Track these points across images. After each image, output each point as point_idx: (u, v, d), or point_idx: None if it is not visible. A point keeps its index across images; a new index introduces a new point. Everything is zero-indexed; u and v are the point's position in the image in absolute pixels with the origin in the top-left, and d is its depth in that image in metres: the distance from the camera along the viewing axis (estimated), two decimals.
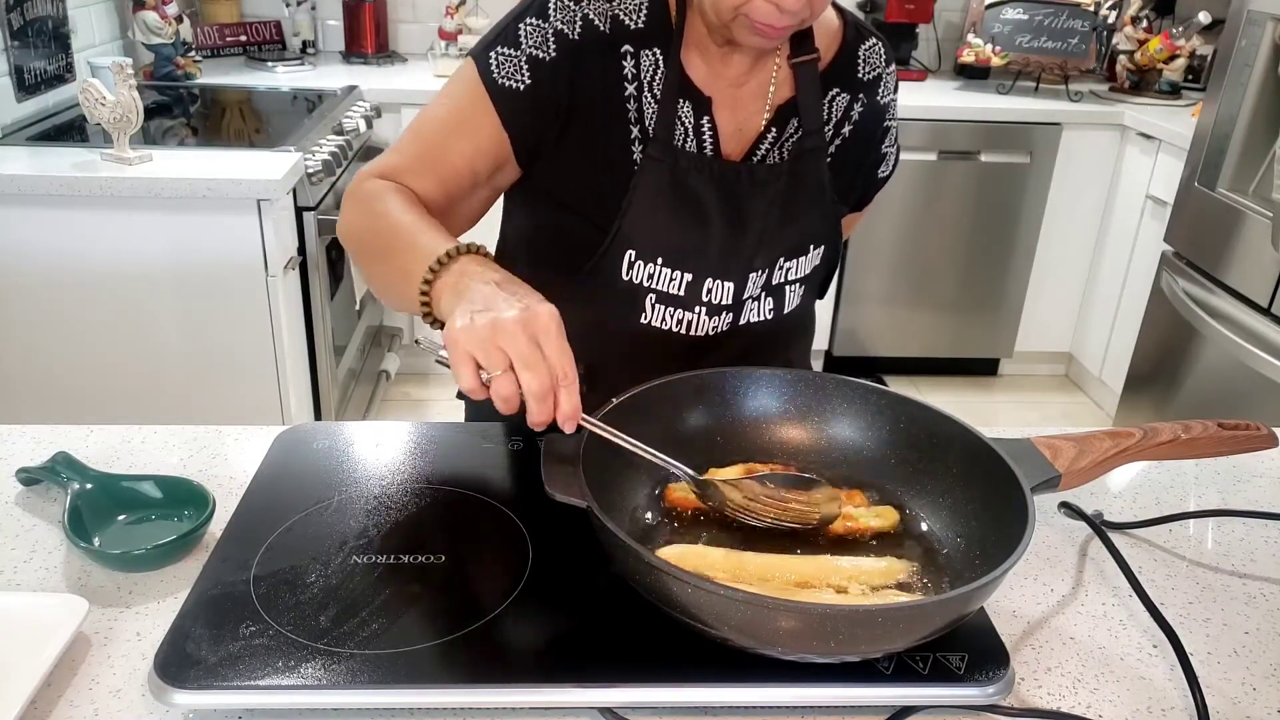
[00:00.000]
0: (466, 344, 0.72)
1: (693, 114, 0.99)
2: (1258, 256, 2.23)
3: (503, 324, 0.72)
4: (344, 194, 1.01)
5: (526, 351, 0.71)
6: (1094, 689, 0.73)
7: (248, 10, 3.20)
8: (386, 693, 0.67)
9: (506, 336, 0.71)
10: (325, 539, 0.82)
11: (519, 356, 0.71)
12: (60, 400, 2.08)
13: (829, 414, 0.92)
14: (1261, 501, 0.99)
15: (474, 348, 0.72)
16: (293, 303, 2.15)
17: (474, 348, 0.72)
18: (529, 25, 0.96)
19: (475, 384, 0.73)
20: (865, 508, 0.86)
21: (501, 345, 0.71)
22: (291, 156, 2.07)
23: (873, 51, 1.07)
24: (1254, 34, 2.25)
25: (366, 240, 0.97)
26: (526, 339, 0.72)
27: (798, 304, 1.11)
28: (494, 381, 0.72)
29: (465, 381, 0.73)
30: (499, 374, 0.72)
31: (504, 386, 0.72)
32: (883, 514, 0.85)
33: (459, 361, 0.73)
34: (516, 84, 0.96)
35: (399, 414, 3.00)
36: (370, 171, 1.00)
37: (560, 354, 0.73)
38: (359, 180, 1.00)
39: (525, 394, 0.72)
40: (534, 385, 0.71)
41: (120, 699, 0.68)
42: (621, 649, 0.71)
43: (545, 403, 0.72)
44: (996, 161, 3.01)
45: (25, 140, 2.15)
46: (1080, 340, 3.29)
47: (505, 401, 0.73)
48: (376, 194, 0.96)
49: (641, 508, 0.86)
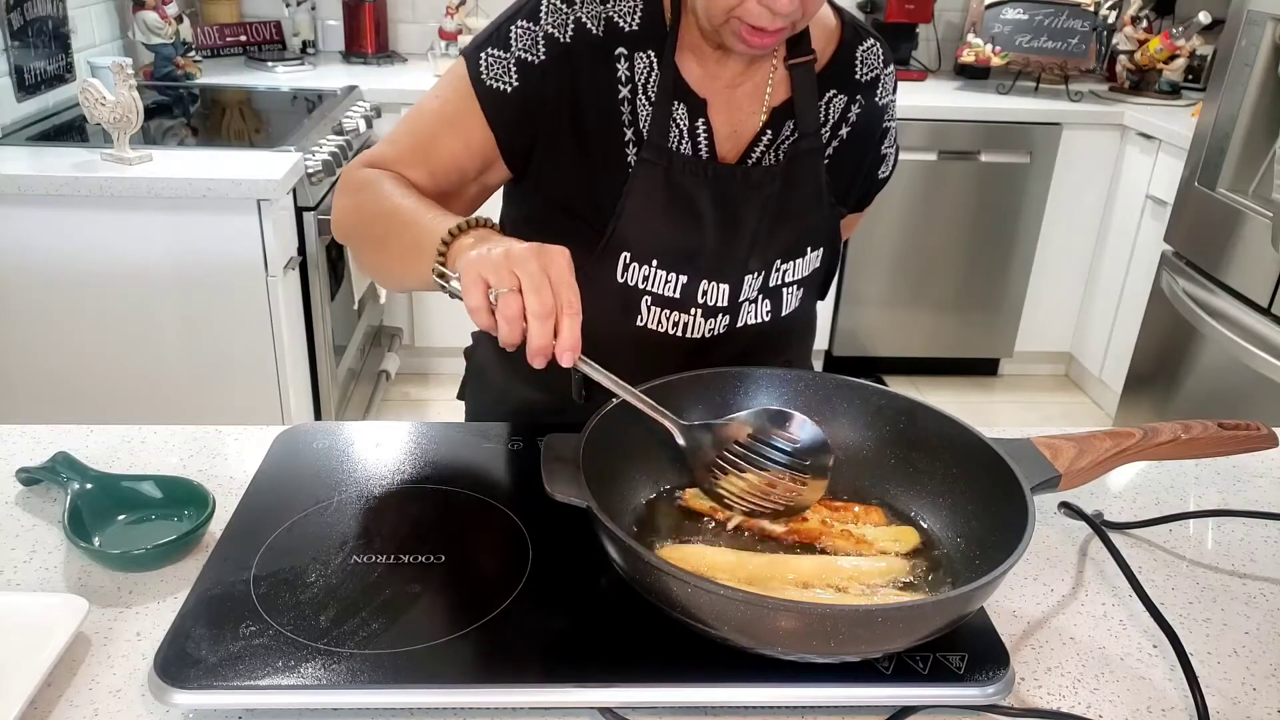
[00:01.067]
0: (479, 266, 0.75)
1: (687, 116, 0.99)
2: (1258, 256, 2.23)
3: (515, 252, 0.75)
4: (338, 183, 1.02)
5: (535, 275, 0.74)
6: (1094, 689, 0.73)
7: (248, 10, 3.20)
8: (386, 693, 0.67)
9: (518, 261, 0.74)
10: (325, 539, 0.82)
11: (528, 277, 0.74)
12: (60, 400, 2.08)
13: (829, 414, 0.92)
14: (1261, 501, 0.99)
15: (486, 269, 0.75)
16: (293, 303, 2.15)
17: (486, 269, 0.75)
18: (520, 28, 0.96)
19: (483, 302, 0.75)
20: (884, 527, 0.84)
21: (512, 268, 0.74)
22: (291, 156, 2.07)
23: (871, 52, 1.07)
24: (1254, 34, 2.25)
25: (365, 224, 0.98)
26: (538, 266, 0.74)
27: (796, 306, 1.11)
28: (500, 299, 0.74)
29: (473, 299, 0.75)
30: (505, 291, 0.74)
31: (510, 305, 0.74)
32: (901, 536, 0.83)
33: (470, 282, 0.75)
34: (504, 86, 0.96)
35: (399, 414, 3.00)
36: (363, 161, 1.01)
37: (567, 285, 0.75)
38: (352, 169, 1.01)
39: (529, 314, 0.73)
40: (537, 306, 0.73)
41: (120, 699, 0.68)
42: (621, 649, 0.71)
43: (547, 324, 0.74)
44: (996, 161, 3.01)
45: (25, 140, 2.15)
46: (1080, 340, 3.29)
47: (509, 322, 0.74)
48: (372, 180, 0.97)
49: (642, 508, 0.86)
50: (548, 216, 1.04)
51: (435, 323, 3.08)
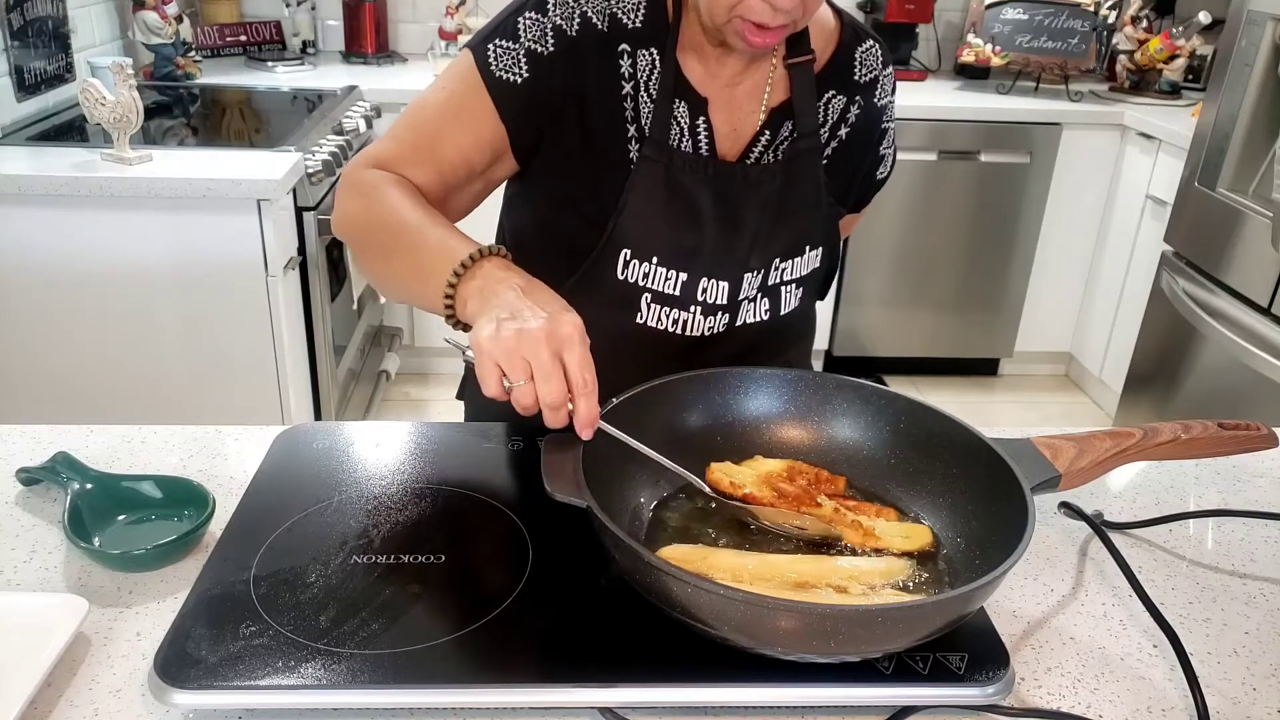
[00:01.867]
0: (492, 352, 0.75)
1: (688, 114, 0.99)
2: (1258, 256, 2.23)
3: (527, 335, 0.75)
4: (341, 182, 1.01)
5: (547, 364, 0.74)
6: (1094, 689, 0.73)
7: (248, 10, 3.20)
8: (386, 693, 0.67)
9: (529, 347, 0.74)
10: (325, 539, 0.82)
11: (539, 368, 0.74)
12: (60, 400, 2.08)
13: (829, 414, 0.92)
14: (1261, 501, 0.99)
15: (499, 357, 0.75)
16: (293, 303, 2.15)
17: (499, 357, 0.75)
18: (528, 19, 0.96)
19: (499, 390, 0.76)
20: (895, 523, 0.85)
21: (525, 356, 0.74)
22: (291, 156, 2.07)
23: (869, 54, 1.07)
24: (1254, 34, 2.25)
25: (370, 235, 0.97)
26: (549, 352, 0.74)
27: (796, 305, 1.11)
28: (515, 391, 0.75)
29: (490, 389, 0.76)
30: (520, 384, 0.75)
31: (524, 396, 0.75)
32: (912, 534, 0.83)
33: (485, 370, 0.76)
34: (514, 77, 0.96)
35: (399, 414, 3.00)
36: (365, 160, 0.99)
37: (581, 365, 0.75)
38: (354, 169, 0.99)
39: (542, 405, 0.75)
40: (549, 397, 0.74)
41: (120, 699, 0.68)
42: (621, 649, 0.71)
43: (559, 413, 0.75)
44: (996, 161, 3.01)
45: (25, 140, 2.15)
46: (1080, 340, 3.29)
47: (525, 409, 0.76)
48: (376, 185, 0.96)
49: (642, 508, 0.86)
50: (549, 216, 1.04)
51: (435, 323, 3.08)
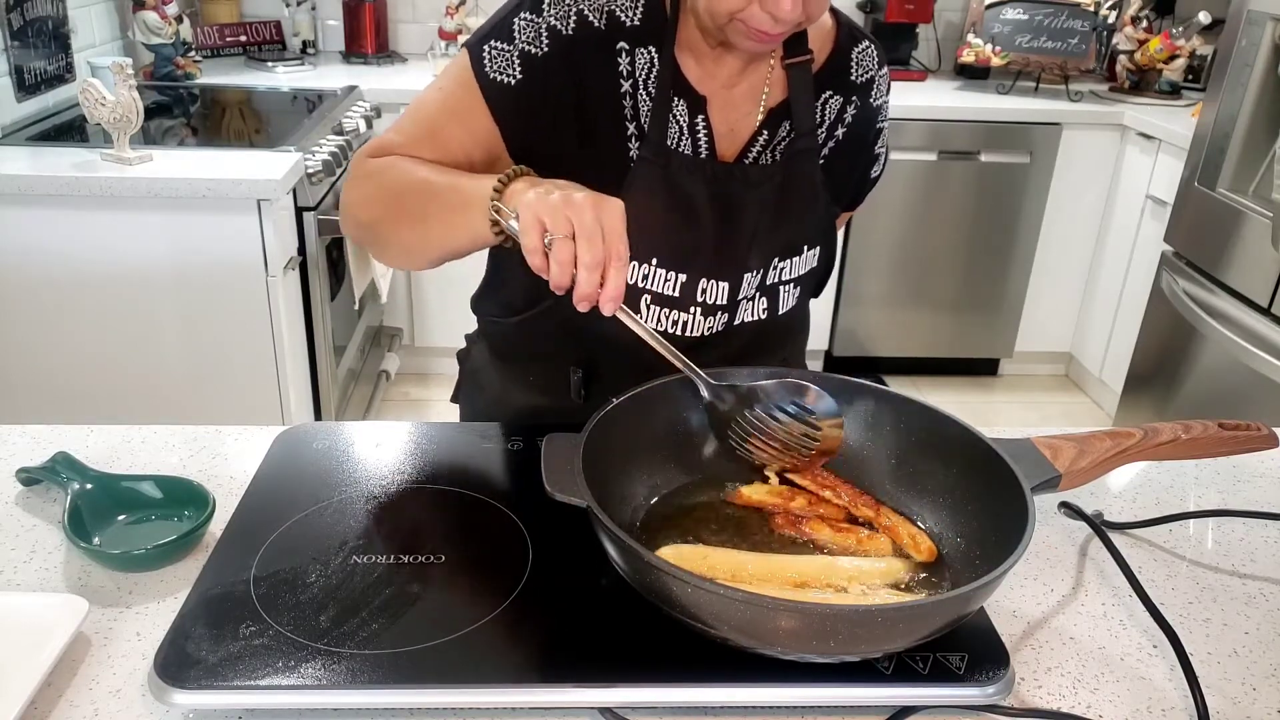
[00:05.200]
0: (538, 208, 0.79)
1: (687, 113, 0.99)
2: (1258, 256, 2.23)
3: (573, 198, 0.79)
4: (347, 176, 1.02)
5: (590, 224, 0.78)
6: (1094, 689, 0.73)
7: (248, 10, 3.20)
8: (386, 693, 0.67)
9: (575, 208, 0.78)
10: (325, 539, 0.82)
11: (582, 227, 0.78)
12: (60, 400, 2.08)
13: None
14: (1261, 501, 0.99)
15: (544, 212, 0.79)
16: (293, 303, 2.15)
17: (544, 212, 0.79)
18: (523, 20, 0.96)
19: (539, 244, 0.79)
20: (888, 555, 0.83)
21: (568, 214, 0.78)
22: (291, 156, 2.07)
23: (866, 54, 1.07)
24: (1254, 34, 2.25)
25: (395, 199, 0.97)
26: (592, 215, 0.78)
27: (793, 304, 1.11)
28: (555, 244, 0.78)
29: (530, 240, 0.79)
30: (560, 238, 0.78)
31: (563, 251, 0.78)
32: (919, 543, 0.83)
33: (528, 223, 0.79)
34: (508, 79, 0.96)
35: (399, 414, 3.00)
36: (370, 150, 1.01)
37: (618, 236, 0.79)
38: (361, 161, 1.00)
39: (579, 263, 0.78)
40: (588, 256, 0.77)
41: (120, 699, 0.68)
42: (621, 649, 0.71)
43: (595, 273, 0.78)
44: (996, 161, 3.01)
45: (25, 140, 2.15)
46: (1080, 340, 3.29)
47: (561, 265, 0.78)
48: (389, 164, 0.98)
49: (641, 508, 0.86)
50: None
51: (435, 323, 3.08)
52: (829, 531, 0.82)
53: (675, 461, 0.89)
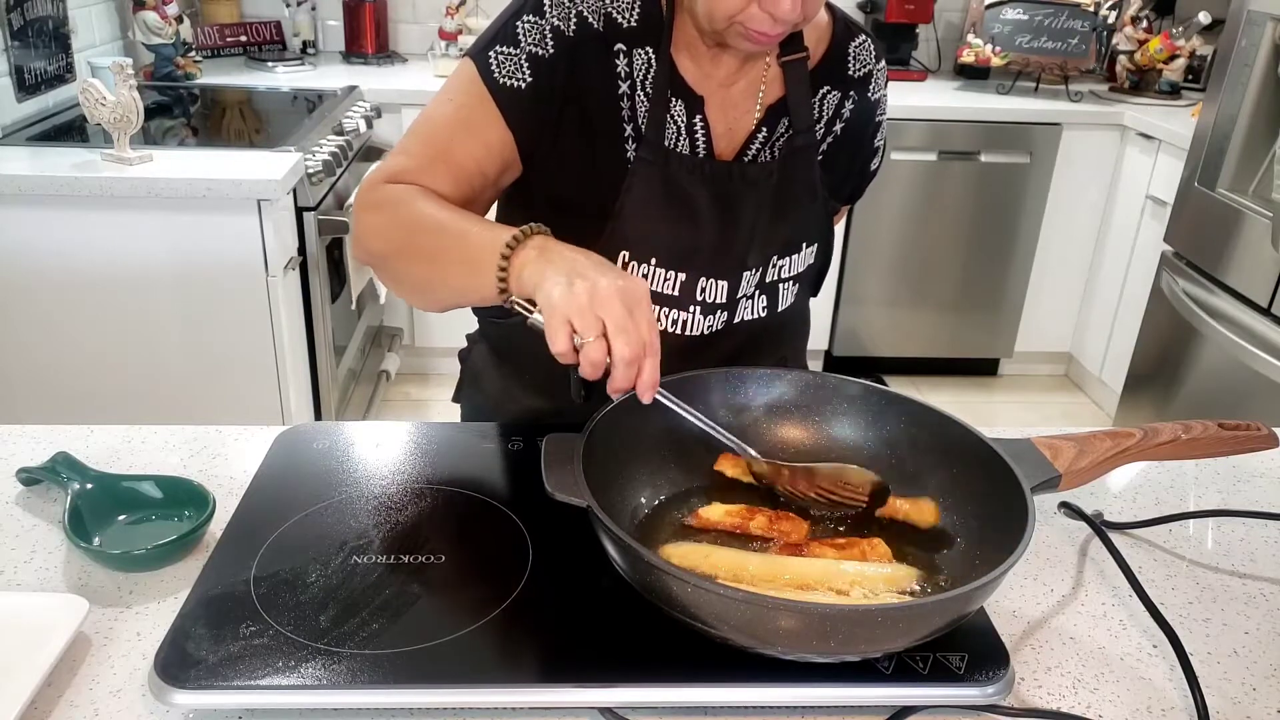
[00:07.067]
0: (565, 309, 0.76)
1: (685, 113, 1.00)
2: (1258, 256, 2.23)
3: (600, 292, 0.76)
4: (358, 202, 0.99)
5: (622, 318, 0.75)
6: (1094, 689, 0.73)
7: (248, 10, 3.20)
8: (386, 693, 0.67)
9: (603, 304, 0.75)
10: (325, 539, 0.82)
11: (615, 323, 0.75)
12: (60, 400, 2.08)
13: (829, 414, 0.92)
14: (1261, 501, 0.99)
15: (572, 313, 0.75)
16: (293, 303, 2.15)
17: (572, 313, 0.75)
18: (526, 23, 0.96)
19: (568, 347, 0.76)
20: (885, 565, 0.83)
21: (598, 312, 0.75)
22: (291, 157, 2.07)
23: (863, 48, 1.07)
24: (1254, 34, 2.25)
25: (407, 238, 0.95)
26: (622, 308, 0.75)
27: (792, 302, 1.11)
28: (586, 347, 0.75)
29: (559, 345, 0.76)
30: (592, 339, 0.75)
31: (596, 352, 0.75)
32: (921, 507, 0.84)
33: (556, 326, 0.76)
34: (518, 83, 0.96)
35: (399, 414, 3.00)
36: (381, 177, 0.98)
37: (650, 326, 0.77)
38: (372, 187, 0.98)
39: (615, 360, 0.75)
40: (625, 352, 0.75)
41: (120, 699, 0.68)
42: (621, 649, 0.71)
43: (632, 369, 0.76)
44: (996, 161, 3.01)
45: (25, 140, 2.15)
46: (1080, 340, 3.29)
47: (594, 366, 0.76)
48: (403, 198, 0.95)
49: (641, 508, 0.86)
50: (546, 218, 1.04)
51: (435, 323, 3.08)
52: (833, 552, 0.81)
53: (675, 462, 0.89)
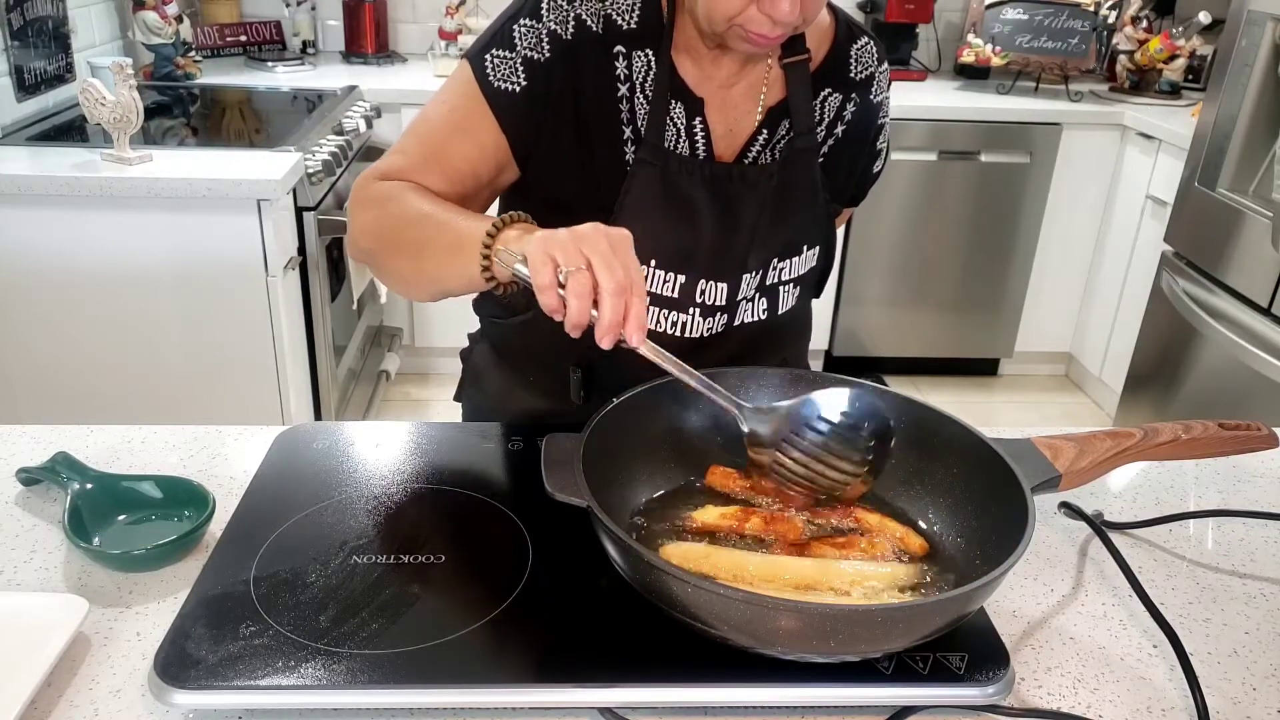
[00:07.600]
0: (547, 245, 0.75)
1: (685, 115, 0.99)
2: (1258, 256, 2.23)
3: (582, 231, 0.76)
4: (352, 199, 1.00)
5: (607, 253, 0.74)
6: (1094, 689, 0.73)
7: (248, 10, 3.20)
8: (386, 693, 0.67)
9: (586, 241, 0.75)
10: (325, 539, 0.82)
11: (598, 255, 0.74)
12: (60, 400, 2.08)
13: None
14: (1261, 501, 0.99)
15: (554, 248, 0.75)
16: (293, 303, 2.15)
17: (554, 248, 0.75)
18: (523, 26, 0.96)
19: (552, 280, 0.74)
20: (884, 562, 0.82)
21: (581, 247, 0.75)
22: (291, 156, 2.07)
23: (865, 50, 1.07)
24: (1254, 34, 2.25)
25: (396, 231, 0.96)
26: (608, 245, 0.75)
27: (793, 304, 1.11)
28: (571, 277, 0.73)
29: (543, 276, 0.74)
30: (575, 270, 0.73)
31: (581, 282, 0.73)
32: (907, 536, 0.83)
33: (539, 260, 0.75)
34: (513, 86, 0.96)
35: (399, 414, 3.00)
36: (375, 174, 0.99)
37: (634, 265, 0.75)
38: (366, 183, 0.99)
39: (601, 291, 0.73)
40: (611, 283, 0.73)
41: (120, 699, 0.68)
42: (621, 649, 0.71)
43: (619, 300, 0.73)
44: (996, 161, 3.01)
45: (25, 140, 2.15)
46: (1080, 340, 3.29)
47: (580, 298, 0.74)
48: (394, 193, 0.96)
49: (641, 508, 0.86)
50: (545, 220, 1.04)
51: (435, 323, 3.08)
52: (834, 551, 0.81)
53: (675, 461, 0.89)
